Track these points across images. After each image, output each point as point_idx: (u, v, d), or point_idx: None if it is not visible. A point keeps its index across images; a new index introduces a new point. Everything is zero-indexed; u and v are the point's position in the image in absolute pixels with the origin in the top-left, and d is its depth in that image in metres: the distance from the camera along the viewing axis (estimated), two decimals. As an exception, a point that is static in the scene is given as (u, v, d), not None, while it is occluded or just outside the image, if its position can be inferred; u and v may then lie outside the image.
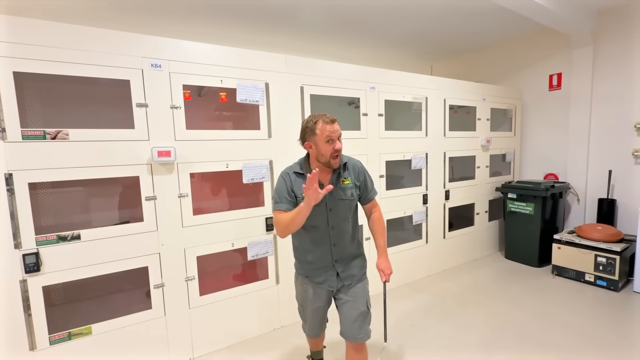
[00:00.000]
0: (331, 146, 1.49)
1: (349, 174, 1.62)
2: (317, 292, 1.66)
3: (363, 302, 1.62)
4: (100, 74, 1.87)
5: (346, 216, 1.60)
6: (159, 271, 2.10)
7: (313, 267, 1.63)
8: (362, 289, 1.65)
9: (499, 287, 3.24)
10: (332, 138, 1.48)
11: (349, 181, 1.60)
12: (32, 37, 1.69)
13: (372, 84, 2.96)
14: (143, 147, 2.00)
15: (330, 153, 1.49)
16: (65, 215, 2.01)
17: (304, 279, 1.68)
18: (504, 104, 4.13)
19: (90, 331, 1.92)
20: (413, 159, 3.29)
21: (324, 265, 1.62)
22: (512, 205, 3.86)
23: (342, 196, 1.57)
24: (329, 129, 1.47)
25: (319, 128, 1.48)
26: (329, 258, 1.61)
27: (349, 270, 1.64)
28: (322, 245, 1.59)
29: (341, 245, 1.61)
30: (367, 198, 1.69)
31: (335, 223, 1.58)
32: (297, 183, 1.54)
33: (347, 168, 1.62)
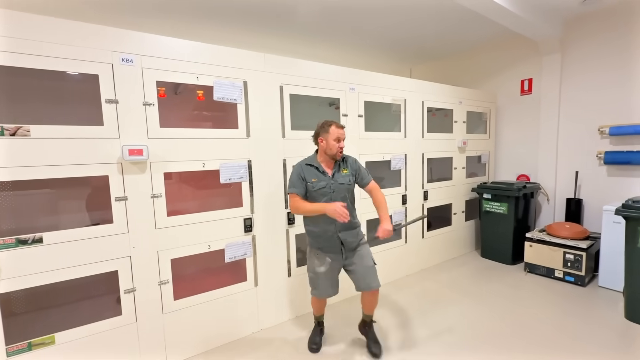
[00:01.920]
0: (338, 144, 2.03)
1: (346, 166, 2.14)
2: (330, 261, 2.11)
3: (369, 259, 2.13)
4: (67, 67, 1.77)
5: (345, 197, 2.10)
6: (129, 275, 2.00)
7: (322, 238, 2.08)
8: (364, 250, 2.14)
9: (475, 285, 3.32)
10: (340, 138, 2.04)
11: (347, 171, 2.12)
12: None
13: (352, 85, 2.98)
14: (113, 145, 1.91)
15: (337, 150, 2.03)
16: (26, 217, 1.88)
17: (317, 251, 2.12)
18: (479, 107, 4.27)
19: (53, 340, 1.81)
20: (392, 159, 3.33)
21: (330, 235, 2.07)
22: (487, 205, 3.99)
23: (342, 181, 2.09)
24: (339, 131, 2.03)
25: (332, 129, 2.03)
26: (333, 229, 2.06)
27: (348, 237, 2.10)
28: (328, 220, 2.02)
29: (340, 223, 2.03)
30: (364, 182, 2.17)
31: (337, 201, 2.00)
32: (307, 171, 2.07)
33: (345, 161, 2.15)
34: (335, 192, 2.06)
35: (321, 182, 2.04)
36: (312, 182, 2.02)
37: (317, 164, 2.07)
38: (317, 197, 2.04)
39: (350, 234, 2.11)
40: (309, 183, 2.02)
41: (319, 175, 2.05)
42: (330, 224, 2.05)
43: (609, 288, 3.11)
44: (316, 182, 2.02)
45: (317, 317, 2.38)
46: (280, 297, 2.66)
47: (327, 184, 2.05)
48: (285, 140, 2.60)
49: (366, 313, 2.25)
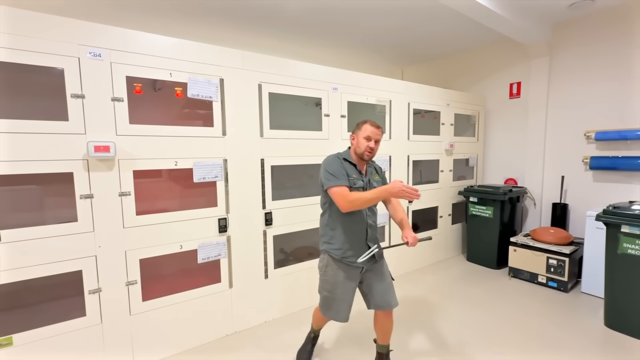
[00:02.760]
0: (368, 143, 1.81)
1: (377, 172, 2.03)
2: (350, 273, 1.86)
3: (388, 275, 1.94)
4: (29, 60, 1.72)
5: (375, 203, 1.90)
6: (95, 275, 1.95)
7: (348, 248, 1.83)
8: (385, 265, 1.96)
9: (459, 289, 3.29)
10: (371, 137, 1.81)
11: (377, 177, 1.99)
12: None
13: (334, 85, 2.94)
14: (78, 141, 1.85)
15: (365, 148, 1.81)
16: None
17: (337, 263, 1.85)
18: (467, 110, 4.24)
19: (10, 342, 1.75)
20: (377, 161, 3.29)
21: (359, 245, 1.84)
22: (474, 209, 3.95)
23: (374, 185, 1.91)
24: (371, 130, 1.82)
25: (365, 126, 1.83)
26: (363, 237, 1.86)
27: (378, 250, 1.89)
28: (360, 225, 1.85)
29: (373, 227, 1.92)
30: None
31: (370, 206, 1.89)
32: (349, 167, 1.86)
33: (374, 165, 2.04)
34: None
35: (359, 180, 1.83)
36: (353, 177, 1.81)
37: (355, 161, 1.87)
38: None
39: (376, 241, 1.90)
40: (350, 178, 1.80)
41: (357, 173, 1.85)
42: (362, 229, 1.84)
43: (591, 294, 3.08)
44: (356, 179, 1.82)
45: (315, 330, 2.20)
46: (256, 299, 2.61)
47: (364, 185, 1.85)
48: (263, 139, 2.55)
49: (381, 343, 1.99)
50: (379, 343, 2.00)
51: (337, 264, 1.85)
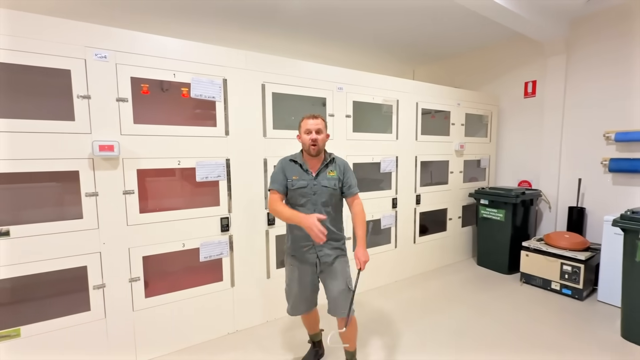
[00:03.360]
0: (309, 136, 1.78)
1: (335, 168, 1.88)
2: (302, 270, 1.88)
3: (342, 281, 1.83)
4: (38, 62, 1.78)
5: (328, 202, 1.84)
6: (99, 271, 2.00)
7: (297, 245, 1.86)
8: (340, 268, 1.85)
9: (467, 294, 3.20)
10: (310, 129, 1.77)
11: (334, 173, 1.86)
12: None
13: (339, 85, 2.91)
14: (84, 140, 1.91)
15: (308, 142, 1.78)
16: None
17: (291, 258, 1.90)
18: (479, 110, 4.12)
19: (18, 333, 1.82)
20: (382, 161, 3.24)
21: (305, 243, 1.83)
22: (484, 212, 3.84)
23: (326, 184, 1.84)
24: (309, 122, 1.79)
25: (303, 122, 1.82)
26: (310, 240, 1.81)
27: (325, 250, 1.85)
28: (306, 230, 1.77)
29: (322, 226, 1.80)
30: (349, 192, 1.90)
31: (317, 206, 1.82)
32: (289, 167, 1.86)
33: (334, 162, 1.90)
34: (316, 194, 1.82)
35: (301, 180, 1.81)
36: (293, 179, 1.81)
37: (302, 160, 1.85)
38: (296, 197, 1.83)
39: (327, 245, 1.84)
40: (289, 180, 1.82)
41: (302, 173, 1.83)
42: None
43: (608, 303, 2.93)
44: (296, 180, 1.81)
45: (310, 336, 2.15)
46: (258, 298, 2.61)
47: (307, 184, 1.81)
48: (266, 139, 2.56)
49: (346, 349, 1.96)
50: (345, 349, 1.96)
51: (291, 260, 1.91)
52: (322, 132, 1.80)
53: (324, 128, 1.82)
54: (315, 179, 1.83)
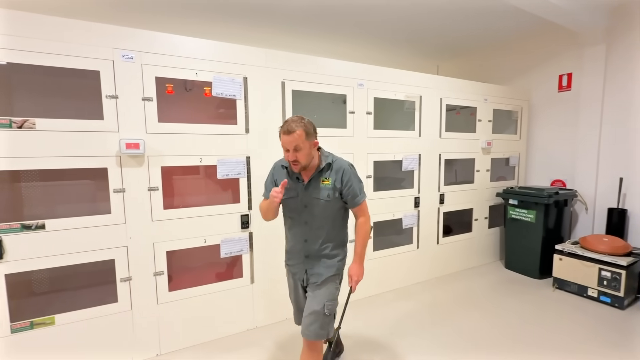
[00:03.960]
0: (287, 154, 1.54)
1: (330, 175, 1.61)
2: (295, 283, 1.77)
3: (320, 302, 1.61)
4: (70, 64, 1.87)
5: (322, 215, 1.62)
6: (126, 264, 2.08)
7: (290, 257, 1.75)
8: (325, 290, 1.64)
9: (493, 298, 3.05)
10: (287, 148, 1.51)
11: (328, 182, 1.59)
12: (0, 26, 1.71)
13: (360, 81, 2.86)
14: (112, 138, 1.99)
15: (288, 160, 1.54)
16: (30, 204, 2.02)
17: (286, 266, 1.81)
18: (508, 105, 3.92)
19: (53, 321, 1.92)
20: (404, 160, 3.16)
21: (297, 258, 1.70)
22: (513, 212, 3.65)
23: (317, 195, 1.59)
24: (284, 139, 1.51)
25: (281, 136, 1.53)
26: (301, 252, 1.68)
27: (316, 268, 1.66)
28: (296, 238, 1.68)
29: (313, 243, 1.65)
30: (353, 203, 1.66)
31: (309, 220, 1.62)
32: (281, 174, 1.67)
33: (330, 168, 1.62)
34: (307, 207, 1.59)
35: (291, 190, 1.58)
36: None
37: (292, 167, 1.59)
38: (287, 208, 1.66)
39: (319, 264, 1.65)
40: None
41: (292, 180, 1.61)
42: (299, 241, 1.67)
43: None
44: (286, 188, 1.57)
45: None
46: (278, 295, 2.62)
47: (297, 194, 1.60)
48: (286, 137, 2.55)
49: None
50: None
51: (287, 269, 1.81)
52: (302, 149, 1.50)
53: (303, 142, 1.49)
54: (306, 188, 1.59)
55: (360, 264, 1.68)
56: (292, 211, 1.65)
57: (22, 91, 2.10)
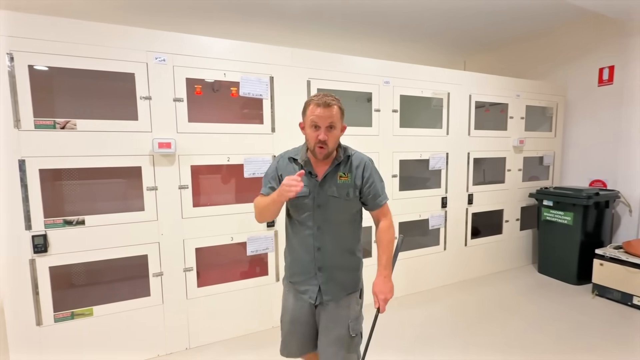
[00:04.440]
0: (315, 133, 1.26)
1: (349, 169, 1.36)
2: (299, 303, 1.41)
3: (344, 324, 1.36)
4: (107, 67, 1.95)
5: (339, 218, 1.36)
6: (158, 260, 2.15)
7: (296, 272, 1.42)
8: (346, 309, 1.38)
9: (526, 303, 2.91)
10: (318, 124, 1.24)
11: (347, 177, 1.34)
12: (43, 32, 1.81)
13: (386, 79, 2.81)
14: (145, 138, 2.06)
15: (314, 142, 1.26)
16: (71, 201, 2.13)
17: (288, 284, 1.47)
18: (542, 101, 3.72)
19: (91, 312, 2.02)
20: (431, 158, 3.07)
21: (306, 272, 1.38)
22: (548, 214, 3.46)
23: (334, 193, 1.32)
24: (317, 112, 1.23)
25: (309, 109, 1.27)
26: (311, 264, 1.37)
27: (331, 282, 1.37)
28: (306, 247, 1.37)
29: (328, 251, 1.36)
30: (374, 204, 1.40)
31: (323, 223, 1.34)
32: (288, 169, 1.37)
33: (350, 162, 1.37)
34: (321, 207, 1.33)
35: (303, 187, 1.25)
36: None
37: (305, 159, 1.35)
38: (296, 209, 1.38)
39: (336, 278, 1.37)
40: None
41: (304, 176, 1.31)
42: (310, 251, 1.36)
43: None
44: None
45: None
46: (302, 294, 2.63)
47: (309, 192, 1.33)
48: (311, 136, 2.55)
49: None
50: None
51: (288, 287, 1.48)
52: (336, 128, 1.28)
53: (339, 121, 1.29)
54: (321, 185, 1.34)
55: (387, 279, 1.35)
56: (301, 213, 1.33)
57: (64, 94, 2.22)
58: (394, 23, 3.62)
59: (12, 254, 1.83)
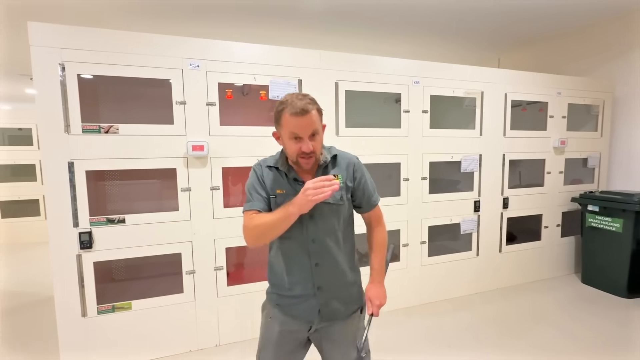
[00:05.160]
0: (297, 146, 1.08)
1: (339, 171, 1.21)
2: (286, 332, 1.21)
3: (353, 346, 1.23)
4: (147, 74, 2.06)
5: (335, 226, 1.19)
6: (190, 258, 2.23)
7: (288, 294, 1.20)
8: (350, 327, 1.25)
9: (569, 315, 2.71)
10: (298, 135, 1.07)
11: (338, 178, 1.18)
12: (90, 43, 1.95)
13: (415, 79, 2.74)
14: (180, 141, 2.15)
15: (297, 154, 1.10)
16: (112, 201, 2.27)
17: (273, 309, 1.24)
18: (587, 99, 3.47)
19: (130, 306, 2.14)
20: (463, 160, 2.96)
21: (302, 294, 1.18)
22: (593, 220, 3.21)
23: (327, 198, 1.07)
24: (295, 123, 1.06)
25: (285, 119, 1.08)
26: (308, 283, 1.18)
27: (334, 302, 1.20)
28: (300, 264, 1.18)
29: (327, 266, 1.18)
30: (368, 204, 1.27)
31: (318, 235, 1.16)
32: (270, 176, 1.19)
33: (337, 163, 1.22)
34: (314, 216, 1.15)
35: (290, 196, 1.12)
36: (277, 195, 1.17)
37: (286, 167, 1.18)
38: None
39: (338, 297, 1.21)
40: (272, 197, 1.17)
41: (288, 185, 1.17)
42: (305, 268, 1.18)
43: None
44: (282, 195, 1.16)
45: None
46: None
47: None
48: (339, 138, 2.54)
49: None
50: None
51: (273, 311, 1.24)
52: (319, 133, 1.12)
53: (319, 123, 1.12)
54: None
55: (380, 284, 1.23)
56: (292, 227, 1.10)
57: (107, 100, 2.38)
58: (424, 22, 3.53)
59: (61, 249, 1.97)
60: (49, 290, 3.26)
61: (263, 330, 1.27)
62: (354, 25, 3.60)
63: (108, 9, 3.12)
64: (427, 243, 2.90)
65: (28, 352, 2.29)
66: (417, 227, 2.85)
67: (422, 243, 2.89)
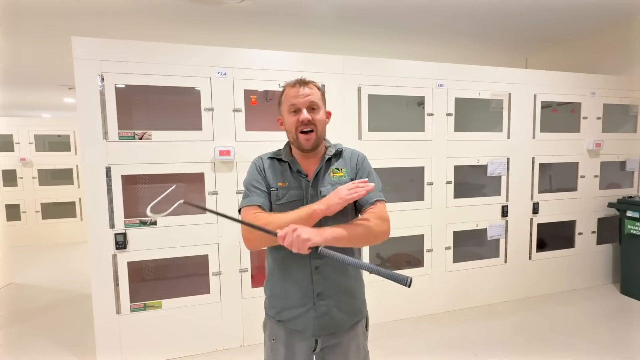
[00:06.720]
0: (296, 117, 1.06)
1: (343, 164, 1.15)
2: (293, 348, 1.11)
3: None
4: (177, 83, 2.16)
5: (340, 223, 1.05)
6: (217, 260, 2.30)
7: (288, 304, 1.10)
8: (355, 339, 1.15)
9: (606, 327, 2.56)
10: (297, 106, 1.05)
11: (343, 173, 1.12)
12: (127, 55, 2.07)
13: (439, 81, 2.70)
14: (208, 146, 2.23)
15: (297, 128, 1.06)
16: (145, 204, 2.36)
17: (275, 326, 1.14)
18: (624, 99, 3.29)
19: (160, 305, 2.22)
20: (490, 164, 2.87)
21: (301, 302, 1.09)
22: (633, 227, 3.02)
23: (328, 192, 1.05)
24: (293, 93, 1.06)
25: (285, 94, 1.10)
26: (308, 290, 1.08)
27: (336, 312, 1.09)
28: (298, 269, 1.09)
29: (328, 271, 1.09)
30: (368, 201, 1.11)
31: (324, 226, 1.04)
32: (271, 168, 1.14)
33: (342, 157, 1.17)
34: None
35: (292, 190, 1.09)
36: (279, 187, 1.11)
37: (289, 158, 1.15)
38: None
39: (340, 305, 1.11)
40: (273, 190, 1.11)
41: (291, 177, 1.12)
42: (305, 272, 1.08)
43: None
44: (284, 188, 1.10)
45: None
46: (351, 301, 2.61)
47: (301, 196, 1.10)
48: (361, 142, 2.55)
49: None
50: None
51: (276, 330, 1.14)
52: (320, 107, 1.10)
53: (321, 101, 1.11)
54: (313, 186, 1.11)
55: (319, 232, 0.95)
56: None
57: (141, 108, 2.50)
58: (447, 24, 3.48)
59: (98, 249, 2.09)
60: (83, 288, 3.46)
61: (268, 354, 1.18)
62: (377, 28, 3.58)
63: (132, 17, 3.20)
64: (452, 249, 2.83)
65: (67, 345, 2.43)
66: (441, 233, 2.79)
67: (447, 249, 2.82)
